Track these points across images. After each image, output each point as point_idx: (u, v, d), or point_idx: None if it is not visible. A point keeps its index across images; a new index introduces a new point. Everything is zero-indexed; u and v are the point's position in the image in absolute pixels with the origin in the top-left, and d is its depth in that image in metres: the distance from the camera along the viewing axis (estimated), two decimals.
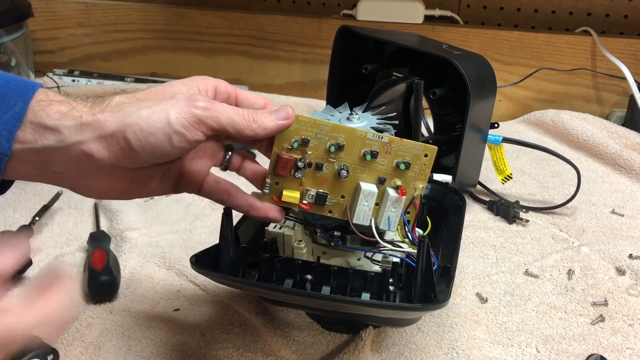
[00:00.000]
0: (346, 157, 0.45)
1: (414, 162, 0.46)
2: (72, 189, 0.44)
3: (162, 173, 0.45)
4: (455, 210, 0.59)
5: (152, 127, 0.40)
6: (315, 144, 0.45)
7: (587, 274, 0.65)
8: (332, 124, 0.45)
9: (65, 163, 0.41)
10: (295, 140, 0.45)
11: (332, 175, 0.46)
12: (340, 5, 1.18)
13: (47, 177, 0.42)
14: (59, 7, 1.23)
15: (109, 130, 0.40)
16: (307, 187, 0.46)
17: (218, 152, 0.47)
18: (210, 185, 0.48)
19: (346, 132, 0.45)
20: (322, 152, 0.45)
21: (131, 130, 0.39)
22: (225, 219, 0.48)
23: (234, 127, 0.42)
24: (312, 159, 0.45)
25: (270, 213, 0.47)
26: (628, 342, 0.56)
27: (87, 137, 0.40)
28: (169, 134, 0.40)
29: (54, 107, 0.40)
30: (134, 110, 0.40)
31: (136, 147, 0.40)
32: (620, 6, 1.05)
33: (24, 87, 0.40)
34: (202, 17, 1.18)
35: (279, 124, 0.44)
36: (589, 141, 0.93)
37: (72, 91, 1.16)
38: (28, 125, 0.39)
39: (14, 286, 0.62)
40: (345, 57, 0.87)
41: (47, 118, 0.40)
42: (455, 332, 0.57)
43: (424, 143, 0.46)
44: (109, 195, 0.45)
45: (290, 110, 0.45)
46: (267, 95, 1.12)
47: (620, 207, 0.78)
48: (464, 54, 0.74)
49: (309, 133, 0.45)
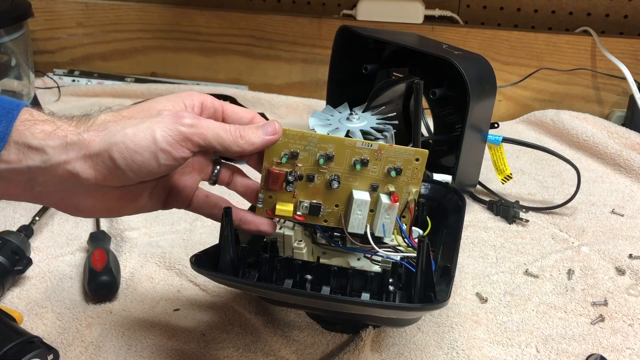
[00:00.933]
0: (337, 167, 0.45)
1: (405, 167, 0.45)
2: (58, 207, 0.44)
3: (150, 189, 0.45)
4: (455, 210, 0.59)
5: (137, 145, 0.39)
6: (304, 156, 0.45)
7: (587, 274, 0.65)
8: (320, 135, 0.44)
9: (51, 182, 0.40)
10: (284, 154, 0.45)
11: (324, 185, 0.46)
12: (340, 5, 1.18)
13: (32, 196, 0.42)
14: (59, 7, 1.23)
15: (94, 150, 0.40)
16: (300, 198, 0.46)
17: (206, 166, 0.47)
18: (200, 200, 0.48)
19: (335, 142, 0.45)
20: (312, 164, 0.45)
21: (117, 150, 0.39)
22: (225, 219, 0.48)
23: (220, 144, 0.42)
24: (302, 171, 0.45)
25: (262, 227, 0.47)
26: (628, 342, 0.56)
27: (73, 157, 0.40)
28: (155, 152, 0.40)
29: (38, 126, 0.39)
30: (120, 128, 0.40)
31: (122, 166, 0.40)
32: (620, 6, 1.05)
33: (9, 106, 0.40)
34: (202, 17, 1.18)
35: (266, 139, 0.44)
36: (589, 141, 0.93)
37: (73, 91, 1.16)
38: (12, 145, 0.39)
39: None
40: (345, 57, 0.87)
41: (31, 138, 0.39)
42: (455, 332, 0.57)
43: (414, 148, 0.46)
44: (97, 213, 0.44)
45: (277, 125, 0.44)
46: (267, 95, 1.12)
47: (620, 207, 0.78)
48: (464, 54, 0.74)
49: (297, 146, 0.44)
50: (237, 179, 0.48)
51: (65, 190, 0.41)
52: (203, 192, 0.49)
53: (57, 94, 1.15)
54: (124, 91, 1.15)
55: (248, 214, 0.48)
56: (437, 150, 0.81)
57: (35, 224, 0.69)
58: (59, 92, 1.15)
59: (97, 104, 1.13)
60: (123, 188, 0.43)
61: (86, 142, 0.40)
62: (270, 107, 1.10)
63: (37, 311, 0.59)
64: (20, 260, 0.61)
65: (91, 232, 0.69)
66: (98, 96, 1.16)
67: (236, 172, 0.48)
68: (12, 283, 0.62)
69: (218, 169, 0.47)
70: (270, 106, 1.11)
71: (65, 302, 0.60)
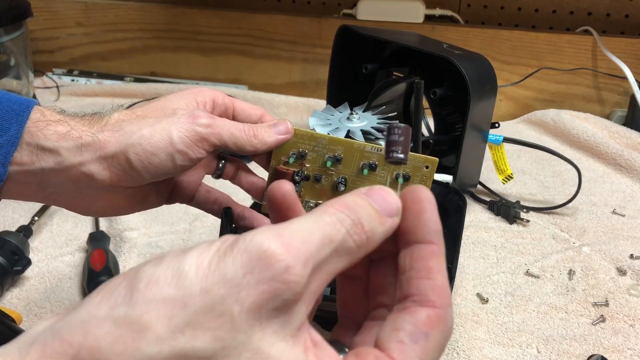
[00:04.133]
0: (345, 170, 0.45)
1: (414, 174, 0.45)
2: (69, 208, 0.43)
3: (157, 187, 0.45)
4: (456, 210, 0.59)
5: (154, 147, 0.39)
6: (313, 156, 0.45)
7: (588, 274, 0.65)
8: (330, 136, 0.44)
9: (64, 184, 0.40)
10: (292, 154, 0.44)
11: (331, 187, 0.46)
12: (340, 4, 1.18)
13: (44, 197, 0.42)
14: (59, 6, 1.23)
15: (110, 151, 0.39)
16: (306, 198, 0.46)
17: (212, 161, 0.47)
18: (202, 195, 0.48)
19: (344, 145, 0.44)
20: (320, 165, 0.45)
21: (133, 151, 0.39)
22: (225, 219, 0.48)
23: (235, 143, 0.42)
24: (310, 172, 0.45)
25: (257, 224, 0.47)
26: (629, 342, 0.55)
27: (87, 159, 0.39)
28: (172, 153, 0.39)
29: (51, 127, 0.39)
30: (135, 129, 0.39)
31: (138, 167, 0.39)
32: (621, 6, 1.05)
33: (18, 107, 0.39)
34: (202, 16, 1.18)
35: (278, 138, 0.44)
36: (590, 141, 0.93)
37: (72, 91, 1.16)
38: (25, 147, 0.38)
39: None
40: (345, 57, 0.87)
41: (44, 140, 0.38)
42: (456, 332, 0.57)
43: (424, 155, 0.45)
44: (106, 212, 0.44)
45: (290, 125, 0.44)
46: (267, 95, 1.12)
47: (621, 207, 0.78)
48: (464, 54, 0.74)
49: (306, 146, 0.44)
50: (242, 174, 0.48)
51: (78, 191, 0.41)
52: (205, 187, 0.49)
53: (56, 93, 1.14)
54: (124, 91, 1.15)
55: (246, 210, 0.48)
56: (437, 150, 0.81)
57: (34, 224, 0.69)
58: (58, 92, 1.15)
59: (96, 103, 1.12)
60: (134, 188, 0.42)
61: (101, 143, 0.39)
62: (270, 106, 1.10)
63: (36, 311, 0.59)
64: (19, 260, 0.60)
65: (90, 232, 0.69)
66: (97, 96, 1.16)
67: (241, 167, 0.48)
68: (11, 283, 0.62)
69: (223, 163, 0.47)
70: (270, 106, 1.10)
71: (64, 303, 0.60)
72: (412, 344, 0.25)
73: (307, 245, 0.23)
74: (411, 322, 0.25)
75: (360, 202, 0.26)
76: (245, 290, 0.22)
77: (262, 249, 0.22)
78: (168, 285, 0.21)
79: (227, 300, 0.21)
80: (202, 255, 0.22)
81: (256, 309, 0.22)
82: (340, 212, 0.25)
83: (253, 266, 0.22)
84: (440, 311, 0.26)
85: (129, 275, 0.22)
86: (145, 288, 0.22)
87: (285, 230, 0.23)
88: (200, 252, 0.23)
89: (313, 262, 0.23)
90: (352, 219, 0.25)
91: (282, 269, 0.22)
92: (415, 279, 0.26)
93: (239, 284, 0.21)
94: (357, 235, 0.25)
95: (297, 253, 0.22)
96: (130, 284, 0.22)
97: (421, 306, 0.26)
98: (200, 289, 0.21)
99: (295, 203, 0.29)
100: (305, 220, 0.24)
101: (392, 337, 0.25)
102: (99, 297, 0.22)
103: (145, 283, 0.22)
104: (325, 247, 0.24)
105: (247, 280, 0.22)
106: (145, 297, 0.21)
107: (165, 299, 0.21)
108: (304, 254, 0.23)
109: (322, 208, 0.25)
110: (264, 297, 0.22)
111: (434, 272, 0.26)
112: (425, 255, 0.27)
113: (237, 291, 0.21)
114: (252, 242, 0.22)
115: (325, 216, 0.25)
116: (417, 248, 0.27)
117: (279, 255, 0.22)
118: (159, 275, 0.22)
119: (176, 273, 0.22)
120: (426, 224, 0.27)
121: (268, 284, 0.22)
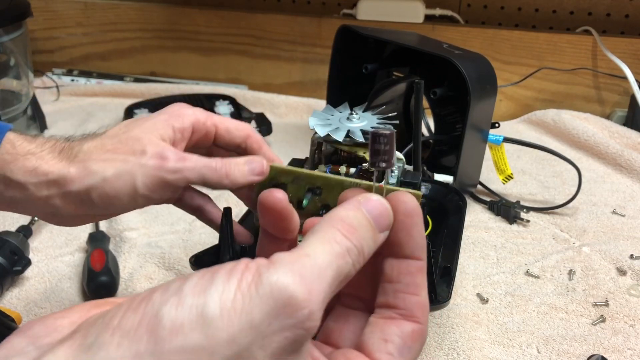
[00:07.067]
0: (327, 198, 0.43)
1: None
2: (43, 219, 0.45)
3: None
4: (456, 210, 0.59)
5: (117, 191, 0.40)
6: (293, 187, 0.43)
7: (588, 275, 0.65)
8: (307, 173, 0.41)
9: (33, 209, 0.43)
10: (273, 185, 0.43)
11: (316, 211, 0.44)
12: (340, 4, 1.18)
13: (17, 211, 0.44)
14: (58, 6, 1.23)
15: (74, 189, 0.41)
16: None
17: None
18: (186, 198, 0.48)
19: (322, 180, 0.42)
20: (302, 193, 0.43)
21: (96, 193, 0.40)
22: (224, 219, 0.48)
23: (204, 183, 0.43)
24: (291, 198, 0.44)
25: (239, 237, 0.48)
26: (629, 342, 0.55)
27: (53, 193, 0.41)
28: (134, 197, 0.41)
29: (19, 162, 0.40)
30: (100, 170, 0.40)
31: (100, 206, 0.41)
32: (621, 6, 1.05)
33: None
34: (202, 16, 1.18)
35: (251, 179, 0.43)
36: (590, 141, 0.92)
37: (72, 91, 1.16)
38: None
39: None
40: (345, 57, 0.87)
41: (12, 173, 0.40)
42: (456, 332, 0.57)
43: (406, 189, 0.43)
44: (82, 223, 0.46)
45: (265, 165, 0.43)
46: (266, 95, 1.12)
47: (622, 207, 0.78)
48: (464, 54, 0.74)
49: (285, 179, 0.44)
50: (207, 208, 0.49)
51: (47, 213, 0.43)
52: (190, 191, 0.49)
53: (56, 93, 1.14)
54: (123, 91, 1.15)
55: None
56: (437, 150, 0.81)
57: (34, 224, 0.69)
58: (58, 92, 1.15)
59: (96, 103, 1.12)
60: None
61: (67, 180, 0.40)
62: (270, 106, 1.10)
63: (36, 312, 0.59)
64: (19, 260, 0.60)
65: (90, 232, 0.69)
66: (97, 96, 1.16)
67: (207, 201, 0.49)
68: (11, 283, 0.61)
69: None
70: (270, 106, 1.10)
71: (64, 303, 0.60)
72: (399, 357, 0.27)
73: (324, 285, 0.24)
74: (399, 335, 0.27)
75: (363, 221, 0.27)
76: (270, 337, 0.22)
77: (288, 295, 0.22)
78: (192, 331, 0.21)
79: (252, 347, 0.22)
80: (225, 294, 0.22)
81: (278, 353, 0.22)
82: (348, 240, 0.26)
83: (278, 313, 0.22)
84: (423, 327, 0.28)
85: (147, 315, 0.22)
86: (169, 336, 0.21)
87: (305, 269, 0.23)
88: (222, 288, 0.22)
89: (327, 299, 0.24)
90: (357, 248, 0.26)
91: (304, 317, 0.22)
92: (403, 292, 0.28)
93: (264, 331, 0.22)
94: (359, 263, 0.26)
95: (317, 296, 0.23)
96: (151, 328, 0.21)
97: (407, 320, 0.28)
98: (227, 337, 0.21)
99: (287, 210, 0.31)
100: (320, 252, 0.24)
101: (382, 348, 0.27)
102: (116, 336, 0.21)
103: (169, 330, 0.21)
104: (336, 281, 0.24)
105: (272, 327, 0.22)
106: (172, 347, 0.21)
107: (193, 349, 0.21)
108: (322, 294, 0.23)
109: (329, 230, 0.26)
110: (287, 343, 0.22)
111: (420, 289, 0.28)
112: (413, 272, 0.28)
113: (262, 337, 0.22)
114: (278, 285, 0.22)
115: (336, 246, 0.25)
116: (405, 263, 0.28)
117: (302, 302, 0.22)
118: (183, 321, 0.21)
119: (200, 317, 0.21)
120: (416, 239, 0.28)
121: (291, 330, 0.22)
